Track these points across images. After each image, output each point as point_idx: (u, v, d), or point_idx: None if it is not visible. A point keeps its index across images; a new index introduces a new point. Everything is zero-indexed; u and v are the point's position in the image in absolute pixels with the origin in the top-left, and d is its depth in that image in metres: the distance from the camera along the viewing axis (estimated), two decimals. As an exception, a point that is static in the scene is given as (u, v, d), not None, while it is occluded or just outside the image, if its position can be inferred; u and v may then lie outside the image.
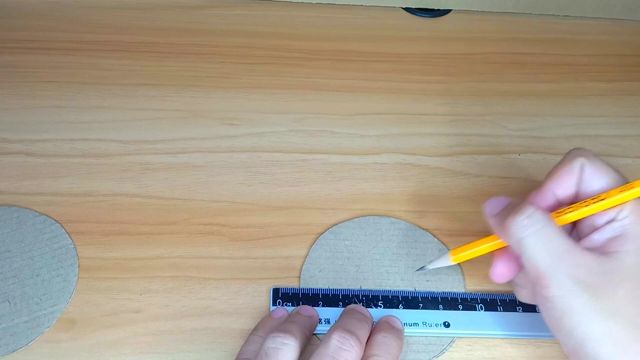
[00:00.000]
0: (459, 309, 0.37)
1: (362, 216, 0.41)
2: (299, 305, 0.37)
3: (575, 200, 0.33)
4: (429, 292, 0.38)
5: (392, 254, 0.39)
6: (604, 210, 0.32)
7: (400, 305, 0.37)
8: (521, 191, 0.43)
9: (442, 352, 0.36)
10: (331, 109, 0.47)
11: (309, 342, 0.35)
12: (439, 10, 0.54)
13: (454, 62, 0.50)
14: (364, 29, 0.52)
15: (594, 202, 0.32)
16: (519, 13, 0.54)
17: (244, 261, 0.39)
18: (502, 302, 0.37)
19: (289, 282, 0.38)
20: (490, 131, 0.46)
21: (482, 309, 0.37)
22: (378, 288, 0.38)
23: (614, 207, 0.31)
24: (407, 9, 0.53)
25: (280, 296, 0.37)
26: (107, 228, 0.40)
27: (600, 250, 0.31)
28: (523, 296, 0.34)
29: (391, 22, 0.53)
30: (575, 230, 0.34)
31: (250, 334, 0.35)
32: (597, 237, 0.31)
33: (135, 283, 0.38)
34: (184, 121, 0.45)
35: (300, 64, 0.49)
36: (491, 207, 0.34)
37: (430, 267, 0.37)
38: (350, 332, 0.32)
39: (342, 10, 0.53)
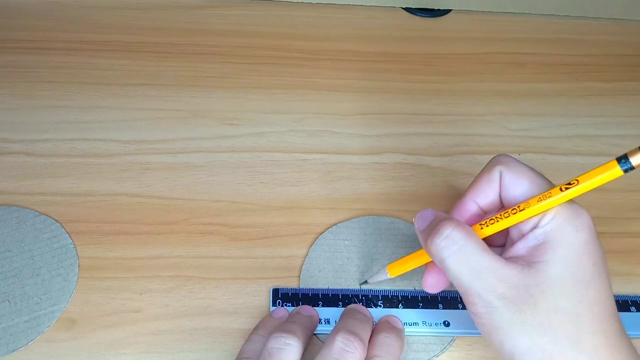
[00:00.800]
0: (458, 308, 0.37)
1: (362, 216, 0.41)
2: (299, 305, 0.37)
3: (500, 207, 0.33)
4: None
5: (391, 253, 0.39)
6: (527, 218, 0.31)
7: (400, 305, 0.37)
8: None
9: (442, 351, 0.36)
10: (331, 109, 0.47)
11: (310, 342, 0.35)
12: (439, 10, 0.54)
13: (454, 62, 0.50)
14: (364, 29, 0.52)
15: (514, 213, 0.31)
16: (519, 13, 0.54)
17: (244, 261, 0.39)
18: None
19: (289, 282, 0.38)
20: (490, 131, 0.46)
21: None
22: (378, 288, 0.38)
23: (536, 215, 0.30)
24: (407, 9, 0.54)
25: (280, 296, 0.37)
26: (107, 228, 0.40)
27: (525, 260, 0.30)
28: None
29: (391, 22, 0.53)
30: (509, 237, 0.33)
31: (251, 333, 0.35)
32: (522, 246, 0.30)
33: (135, 283, 0.38)
34: (184, 121, 0.45)
35: (300, 64, 0.49)
36: (419, 222, 0.33)
37: (371, 281, 0.37)
38: (353, 333, 0.32)
39: (342, 10, 0.53)
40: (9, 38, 0.49)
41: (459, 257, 0.30)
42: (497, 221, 0.31)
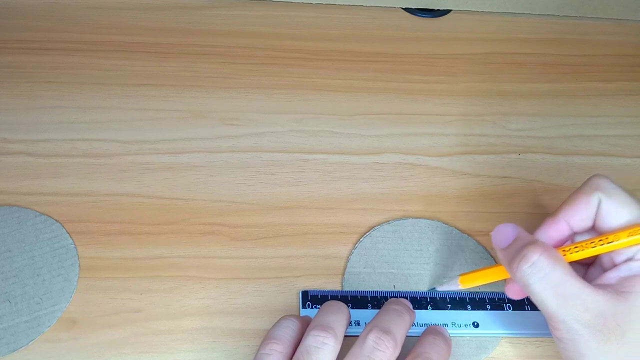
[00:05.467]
0: (487, 309, 0.37)
1: (395, 218, 0.41)
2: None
3: (592, 231, 0.33)
4: (456, 293, 0.38)
5: (438, 261, 0.40)
6: (622, 248, 0.31)
7: (428, 307, 0.37)
8: (521, 191, 0.43)
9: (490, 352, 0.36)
10: (331, 109, 0.47)
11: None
12: (439, 10, 0.54)
13: (454, 62, 0.51)
14: (364, 29, 0.52)
15: (601, 244, 0.31)
16: (519, 13, 0.54)
17: (244, 261, 0.39)
18: (529, 302, 0.37)
19: (289, 282, 0.38)
20: (490, 131, 0.47)
21: (509, 309, 0.37)
22: (407, 289, 0.38)
23: (630, 246, 0.30)
24: (407, 9, 0.54)
25: (310, 298, 0.37)
26: (108, 228, 0.40)
27: (615, 289, 0.30)
28: None
29: (391, 22, 0.53)
30: (598, 262, 0.33)
31: (281, 318, 0.33)
32: (613, 275, 0.31)
33: (136, 283, 0.38)
34: (184, 121, 0.45)
35: (300, 64, 0.49)
36: (498, 238, 0.33)
37: (440, 289, 0.37)
38: (386, 331, 0.31)
39: (342, 10, 0.53)
40: (9, 38, 0.49)
41: (546, 283, 0.30)
42: (582, 249, 0.31)
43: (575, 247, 0.31)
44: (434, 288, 0.38)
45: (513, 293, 0.34)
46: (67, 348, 0.35)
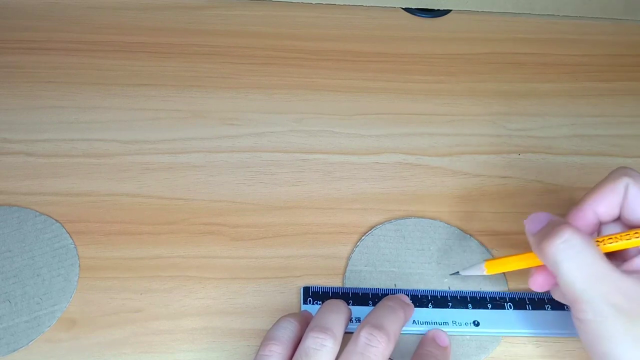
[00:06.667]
0: (488, 308, 0.37)
1: (401, 217, 0.41)
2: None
3: (617, 220, 0.33)
4: (457, 292, 0.38)
5: (434, 256, 0.40)
6: None
7: (429, 305, 0.37)
8: (521, 191, 0.43)
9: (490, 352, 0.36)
10: (331, 109, 0.47)
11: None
12: (439, 10, 0.54)
13: (454, 62, 0.51)
14: (364, 29, 0.52)
15: (636, 236, 0.30)
16: (519, 13, 0.54)
17: (243, 261, 0.39)
18: (530, 301, 0.37)
19: (289, 282, 0.38)
20: (490, 131, 0.47)
21: (510, 308, 0.37)
22: (408, 287, 0.38)
23: None
24: (407, 9, 0.54)
25: (311, 294, 0.37)
26: (108, 228, 0.40)
27: None
28: (559, 296, 0.34)
29: (391, 22, 0.53)
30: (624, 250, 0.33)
31: (280, 318, 0.33)
32: None
33: (136, 283, 0.38)
34: (184, 121, 0.45)
35: (300, 64, 0.49)
36: (531, 224, 0.33)
37: (464, 273, 0.38)
38: (377, 327, 0.31)
39: (342, 10, 0.53)
40: (9, 38, 0.49)
41: (576, 262, 0.30)
42: (617, 241, 0.31)
43: (610, 238, 0.31)
44: (458, 272, 0.38)
45: (538, 285, 0.34)
46: (67, 348, 0.35)
